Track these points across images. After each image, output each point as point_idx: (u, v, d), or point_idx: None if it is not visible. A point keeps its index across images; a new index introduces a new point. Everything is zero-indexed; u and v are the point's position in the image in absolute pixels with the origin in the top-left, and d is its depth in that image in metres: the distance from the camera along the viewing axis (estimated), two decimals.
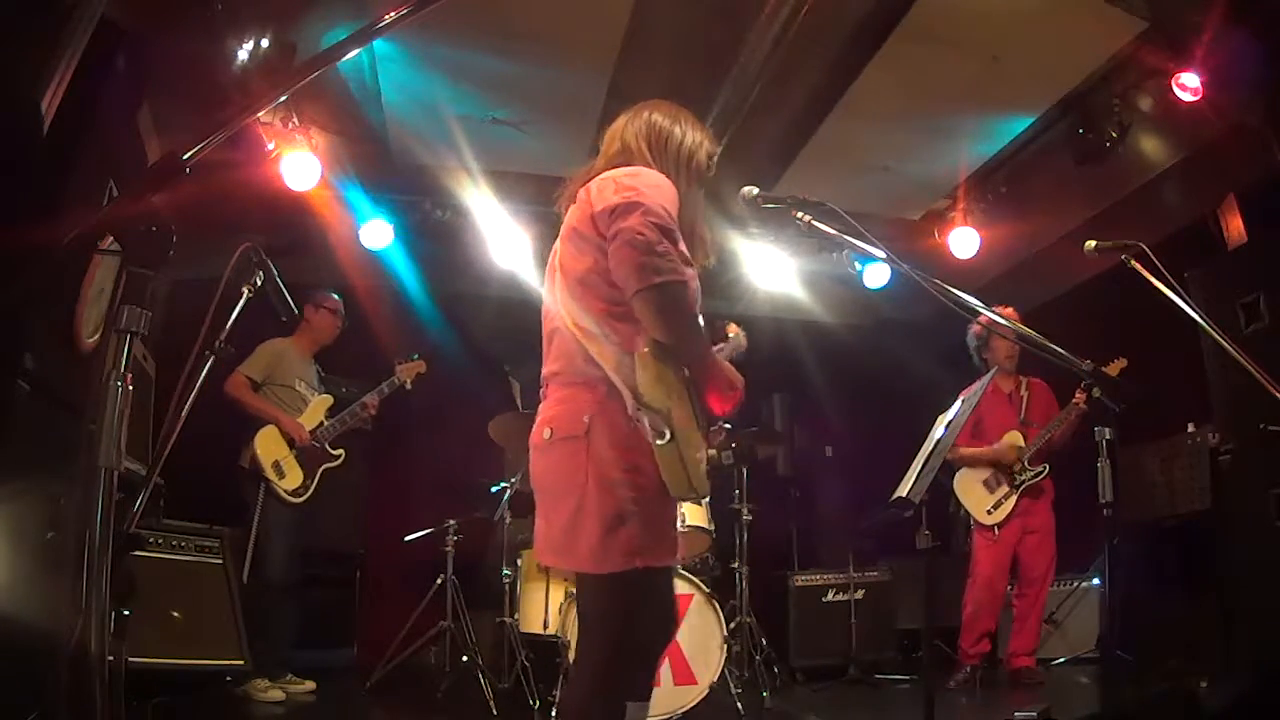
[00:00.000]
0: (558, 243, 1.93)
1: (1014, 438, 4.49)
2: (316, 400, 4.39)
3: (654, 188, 1.78)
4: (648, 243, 1.66)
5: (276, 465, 4.12)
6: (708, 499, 3.72)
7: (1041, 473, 4.43)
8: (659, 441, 1.67)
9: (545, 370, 1.90)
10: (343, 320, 4.60)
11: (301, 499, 4.17)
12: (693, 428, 1.77)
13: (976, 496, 4.46)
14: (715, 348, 2.10)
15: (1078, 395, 4.29)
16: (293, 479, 4.16)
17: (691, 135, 1.98)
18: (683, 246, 1.84)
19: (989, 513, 4.43)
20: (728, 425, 4.01)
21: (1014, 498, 4.42)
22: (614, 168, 1.87)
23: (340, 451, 4.37)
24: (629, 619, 1.75)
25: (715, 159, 2.05)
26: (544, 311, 1.94)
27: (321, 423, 4.32)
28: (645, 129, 1.95)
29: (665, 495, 1.74)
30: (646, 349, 1.71)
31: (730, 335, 2.38)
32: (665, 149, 1.94)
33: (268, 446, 4.13)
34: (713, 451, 1.91)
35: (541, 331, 1.94)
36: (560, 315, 1.84)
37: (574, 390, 1.80)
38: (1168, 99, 4.01)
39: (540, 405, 1.89)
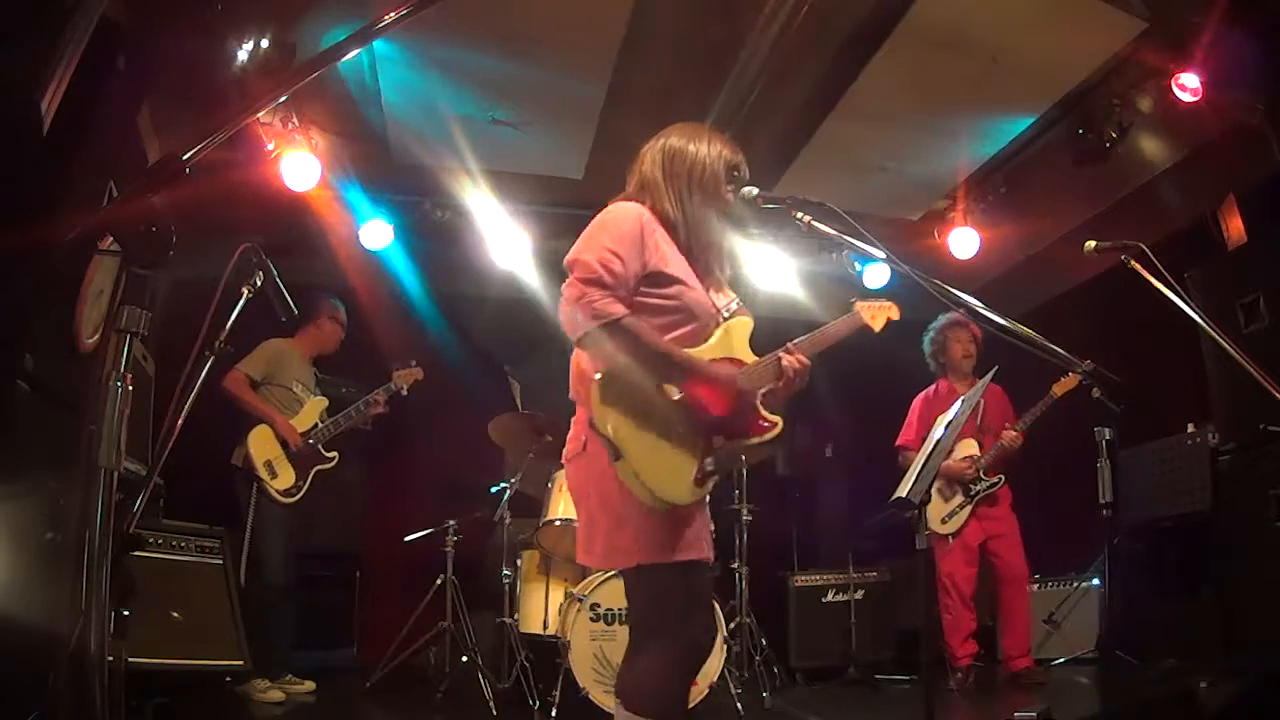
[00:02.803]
0: None
1: (968, 445, 4.46)
2: (311, 402, 4.39)
3: (602, 228, 1.94)
4: (570, 300, 1.86)
5: (269, 465, 4.12)
6: (706, 501, 3.72)
7: (997, 483, 4.41)
8: (613, 461, 1.84)
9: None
10: (345, 330, 4.62)
11: (293, 499, 4.17)
12: (661, 442, 1.87)
13: (932, 504, 4.43)
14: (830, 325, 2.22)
15: (1005, 434, 4.33)
16: (284, 479, 4.15)
17: (707, 150, 2.06)
18: (663, 266, 1.95)
19: (943, 522, 4.43)
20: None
21: (968, 508, 4.41)
22: (627, 201, 2.05)
23: (334, 454, 4.36)
24: (667, 606, 1.89)
25: (741, 170, 2.10)
26: None
27: (316, 425, 4.32)
28: (661, 156, 2.07)
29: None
30: (598, 379, 1.88)
31: (851, 312, 2.36)
32: (678, 170, 2.05)
33: (260, 446, 4.13)
34: (708, 460, 1.94)
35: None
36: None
37: (579, 413, 2.01)
38: (1167, 99, 4.00)
39: None
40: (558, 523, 4.02)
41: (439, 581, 4.49)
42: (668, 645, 1.87)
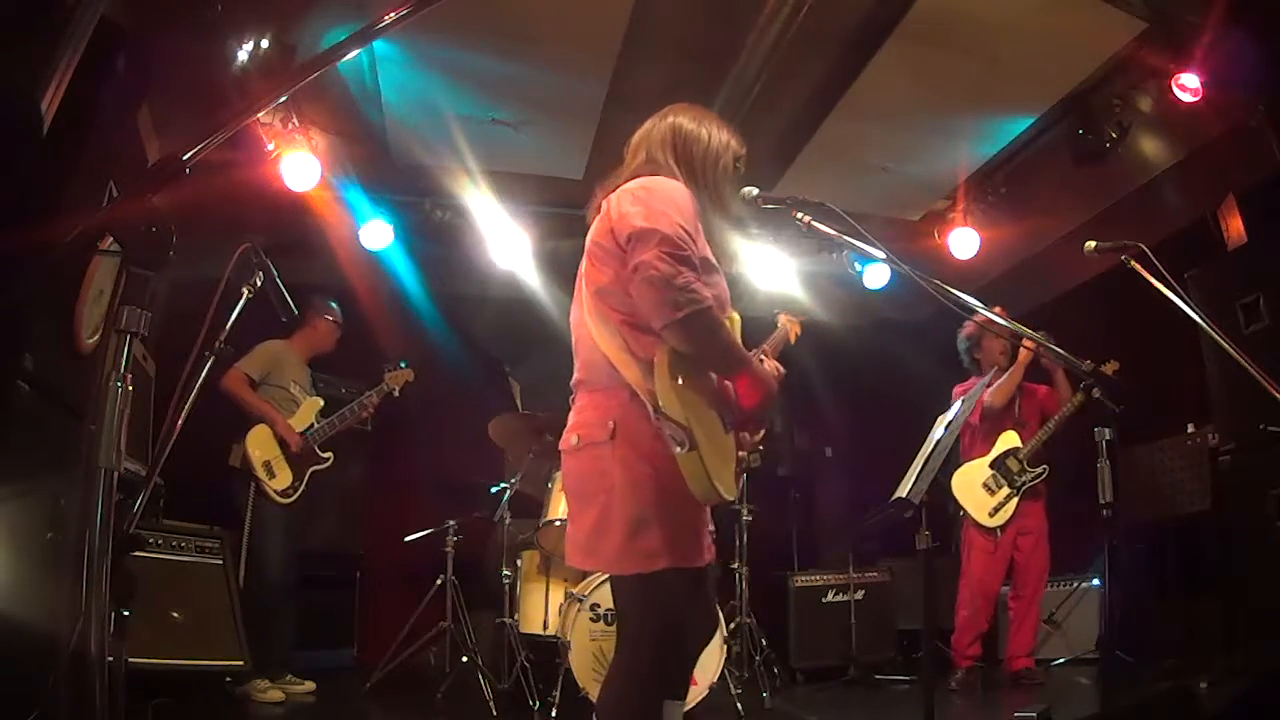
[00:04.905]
0: (584, 254, 1.95)
1: (1010, 438, 4.47)
2: (307, 403, 4.39)
3: (668, 202, 1.78)
4: (665, 278, 1.67)
5: (267, 465, 4.12)
6: None
7: (1041, 474, 4.42)
8: (680, 450, 1.68)
9: (574, 378, 1.93)
10: (340, 330, 4.62)
11: (290, 500, 4.16)
12: (718, 433, 1.79)
13: (977, 498, 4.44)
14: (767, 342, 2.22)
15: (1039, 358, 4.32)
16: (282, 479, 4.15)
17: (718, 136, 1.98)
18: (707, 251, 1.87)
19: (991, 515, 4.41)
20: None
21: (1015, 500, 4.40)
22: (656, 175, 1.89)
23: (329, 454, 4.36)
24: (662, 618, 1.78)
25: (743, 160, 2.04)
26: (572, 320, 1.96)
27: (312, 425, 4.32)
28: (670, 135, 1.96)
29: (691, 497, 1.73)
30: (662, 359, 1.72)
31: (779, 325, 2.44)
32: (691, 155, 1.94)
33: (259, 446, 4.13)
34: (742, 454, 1.91)
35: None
36: (585, 324, 1.88)
37: (599, 396, 1.84)
38: (1168, 99, 4.00)
39: (570, 412, 1.93)
40: (558, 523, 4.01)
41: (439, 581, 4.49)
42: (658, 653, 1.78)
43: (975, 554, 4.44)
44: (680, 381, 1.71)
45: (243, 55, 3.56)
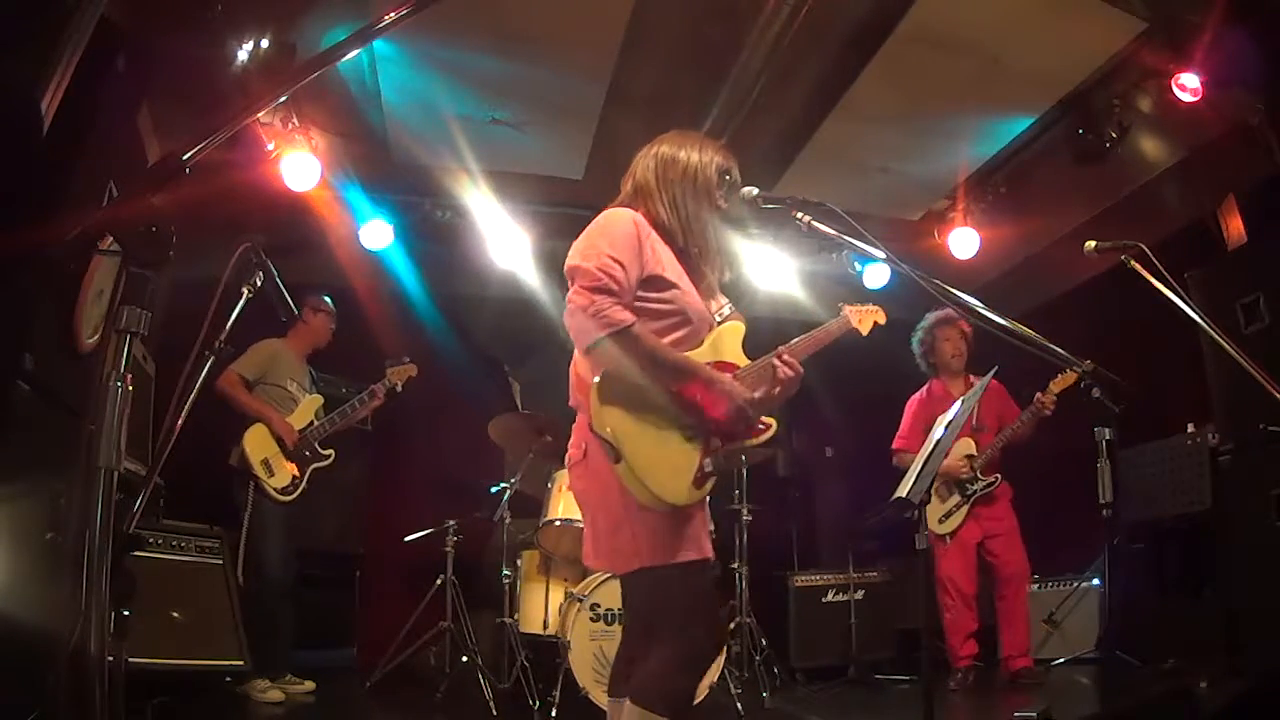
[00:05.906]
0: None
1: (965, 445, 4.43)
2: (306, 400, 4.38)
3: (602, 234, 1.95)
4: (579, 308, 1.85)
5: (265, 463, 4.12)
6: (706, 499, 3.73)
7: (993, 483, 4.39)
8: (613, 463, 1.85)
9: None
10: (335, 321, 4.62)
11: (290, 498, 4.16)
12: (662, 442, 1.90)
13: (930, 505, 4.37)
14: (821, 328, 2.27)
15: (1039, 397, 4.22)
16: (281, 478, 4.14)
17: (698, 155, 2.10)
18: (659, 269, 1.97)
19: (940, 522, 4.40)
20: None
21: (965, 508, 4.40)
22: (621, 206, 2.08)
23: (330, 452, 4.35)
24: (671, 607, 1.89)
25: (733, 174, 2.13)
26: None
27: (311, 423, 4.32)
28: (654, 162, 2.10)
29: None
30: (598, 381, 1.88)
31: (840, 316, 2.39)
32: (671, 176, 2.07)
33: (256, 444, 4.12)
34: (706, 460, 1.96)
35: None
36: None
37: (580, 418, 2.03)
38: (1167, 99, 4.00)
39: None
40: (558, 523, 4.02)
41: (439, 581, 4.49)
42: (672, 646, 1.87)
43: (940, 560, 4.43)
44: (612, 401, 1.87)
45: (243, 55, 3.56)
